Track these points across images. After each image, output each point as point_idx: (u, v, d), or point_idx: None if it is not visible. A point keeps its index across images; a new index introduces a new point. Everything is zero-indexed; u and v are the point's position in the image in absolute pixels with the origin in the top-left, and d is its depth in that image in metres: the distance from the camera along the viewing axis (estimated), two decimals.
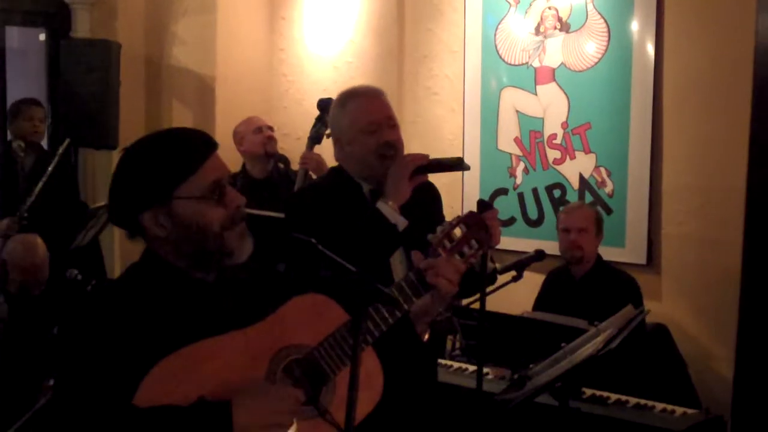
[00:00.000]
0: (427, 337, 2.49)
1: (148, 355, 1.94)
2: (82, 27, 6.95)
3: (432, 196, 3.24)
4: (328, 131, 4.14)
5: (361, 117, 3.05)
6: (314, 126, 4.98)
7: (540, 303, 4.86)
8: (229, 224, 2.09)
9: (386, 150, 3.03)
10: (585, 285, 4.71)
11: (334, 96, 3.24)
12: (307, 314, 2.14)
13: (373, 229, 2.91)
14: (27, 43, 7.51)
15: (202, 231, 2.06)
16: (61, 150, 6.02)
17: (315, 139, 4.95)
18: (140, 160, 2.10)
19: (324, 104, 4.69)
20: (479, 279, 2.91)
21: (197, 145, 2.10)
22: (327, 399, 2.13)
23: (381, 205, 2.93)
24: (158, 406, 1.93)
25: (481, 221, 2.43)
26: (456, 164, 3.13)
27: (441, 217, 3.23)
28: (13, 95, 6.69)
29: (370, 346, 2.19)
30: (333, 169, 3.19)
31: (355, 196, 3.06)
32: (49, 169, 5.76)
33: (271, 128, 5.75)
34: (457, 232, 2.40)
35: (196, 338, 1.99)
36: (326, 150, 3.15)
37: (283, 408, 2.00)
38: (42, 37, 7.19)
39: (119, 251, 6.86)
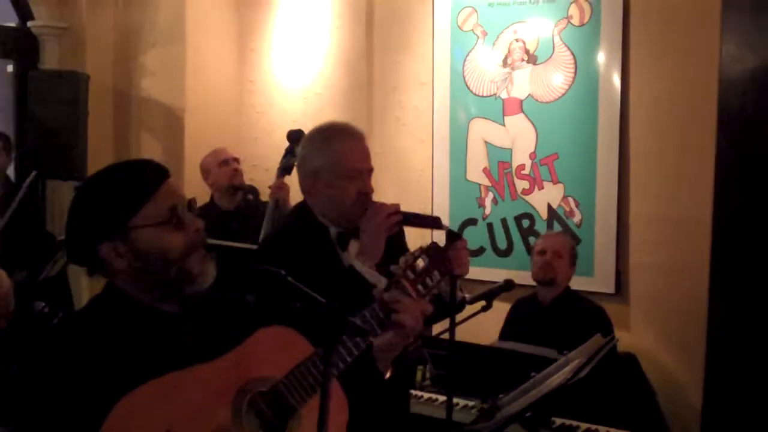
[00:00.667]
0: (389, 374, 2.47)
1: (112, 390, 1.90)
2: (51, 58, 6.94)
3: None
4: (297, 160, 4.13)
5: (347, 162, 2.97)
6: (284, 156, 4.98)
7: (507, 330, 4.87)
8: (190, 249, 2.08)
9: (365, 200, 2.97)
10: (552, 312, 4.74)
11: (304, 127, 3.21)
12: (272, 346, 2.13)
13: (353, 290, 2.80)
14: None
15: (162, 257, 2.04)
16: (27, 182, 5.99)
17: (285, 169, 4.94)
18: (94, 193, 2.09)
19: (294, 135, 4.69)
20: (448, 307, 2.91)
21: (149, 173, 2.10)
22: None
23: (358, 265, 2.88)
24: None
25: (443, 252, 2.43)
26: (432, 222, 3.06)
27: (404, 246, 3.19)
28: None
29: (335, 378, 2.17)
30: (298, 206, 3.12)
31: (323, 241, 2.99)
32: (16, 201, 5.71)
33: (237, 160, 5.75)
34: (420, 263, 2.39)
35: (161, 372, 1.96)
36: (296, 180, 3.12)
37: None
38: (10, 68, 7.17)
39: (87, 283, 6.81)
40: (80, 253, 2.11)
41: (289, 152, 4.93)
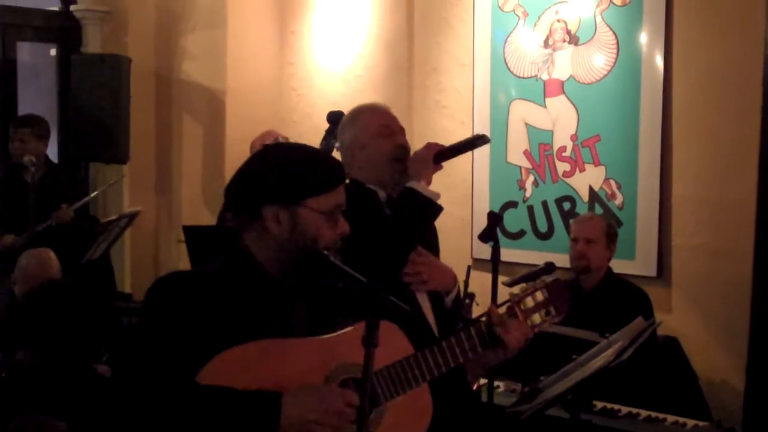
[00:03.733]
0: (476, 386, 2.51)
1: (216, 342, 2.03)
2: (93, 42, 7.00)
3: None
4: (338, 144, 4.14)
5: (374, 121, 3.11)
6: (324, 138, 4.97)
7: None
8: (331, 245, 2.22)
9: (401, 153, 3.07)
10: (594, 298, 4.68)
11: (344, 109, 3.25)
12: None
13: (411, 206, 2.95)
14: (38, 58, 7.56)
15: (312, 241, 2.19)
16: (112, 182, 6.21)
17: (327, 152, 4.94)
18: (286, 159, 2.23)
19: (334, 117, 4.66)
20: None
21: (338, 169, 2.28)
22: (374, 423, 2.16)
23: (412, 183, 2.98)
24: (215, 386, 2.01)
25: (564, 290, 2.49)
26: (474, 141, 3.18)
27: (433, 230, 3.23)
28: (24, 110, 6.73)
29: (426, 383, 2.26)
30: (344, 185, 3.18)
31: (373, 206, 3.05)
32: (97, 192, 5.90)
33: (287, 141, 5.76)
34: (539, 295, 2.46)
35: (264, 337, 2.09)
36: None
37: (332, 408, 2.05)
38: (53, 52, 7.24)
39: (130, 265, 6.88)
40: (244, 202, 2.22)
41: (330, 134, 4.92)
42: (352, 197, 2.99)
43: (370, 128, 3.09)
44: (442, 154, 3.07)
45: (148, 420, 2.02)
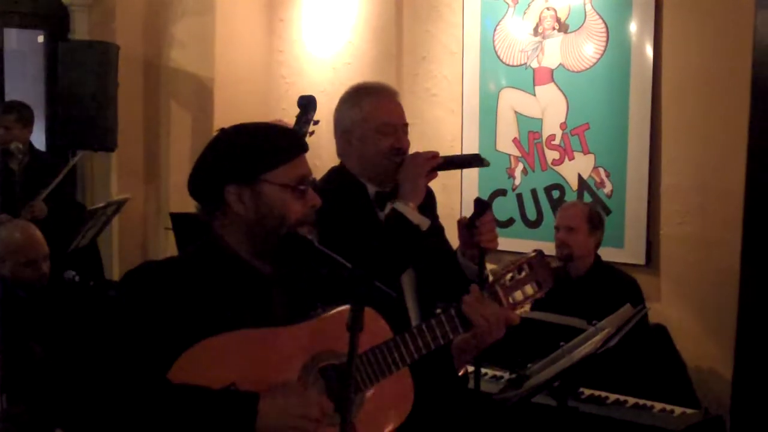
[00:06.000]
0: (462, 372, 2.48)
1: (190, 334, 1.99)
2: (81, 29, 6.96)
3: (427, 196, 3.14)
4: (311, 129, 4.08)
5: (378, 116, 2.98)
6: (296, 124, 4.85)
7: (537, 303, 4.83)
8: (303, 220, 2.17)
9: (397, 155, 2.96)
10: (582, 285, 4.68)
11: (331, 97, 3.17)
12: None
13: (396, 232, 2.84)
14: (26, 45, 7.51)
15: (279, 218, 2.14)
16: (72, 163, 6.09)
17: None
18: (239, 138, 2.20)
19: (305, 101, 4.56)
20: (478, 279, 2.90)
21: (294, 140, 2.23)
22: (354, 410, 2.14)
23: (400, 206, 2.86)
24: (188, 384, 1.97)
25: (547, 265, 2.43)
26: (472, 160, 3.09)
27: (435, 217, 3.16)
28: (11, 97, 6.69)
29: (407, 367, 2.23)
30: (334, 169, 3.09)
31: (361, 199, 2.98)
32: (59, 177, 5.80)
33: None
34: (520, 272, 2.42)
35: (241, 325, 2.05)
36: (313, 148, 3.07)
37: (308, 414, 2.02)
38: (40, 39, 7.20)
39: (117, 253, 6.86)
40: (205, 189, 2.19)
41: (301, 118, 4.81)
42: (339, 187, 2.97)
43: (372, 121, 2.97)
44: (433, 169, 2.97)
45: (121, 422, 1.98)
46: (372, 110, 2.98)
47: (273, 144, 2.17)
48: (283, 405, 2.00)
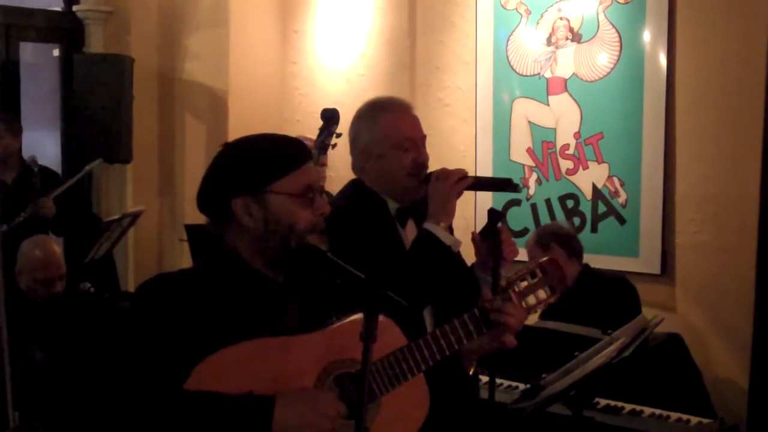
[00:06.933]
0: (472, 371, 2.47)
1: (205, 344, 2.01)
2: (96, 42, 7.00)
3: None
4: (334, 141, 4.08)
5: (397, 132, 2.93)
6: (319, 136, 4.88)
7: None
8: (313, 228, 2.18)
9: (419, 170, 2.92)
10: (571, 296, 4.59)
11: (347, 108, 3.16)
12: None
13: (427, 253, 2.80)
14: (41, 58, 7.55)
15: (288, 227, 2.14)
16: (89, 168, 6.12)
17: (322, 148, 4.88)
18: (244, 151, 2.20)
19: (328, 114, 4.59)
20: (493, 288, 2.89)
21: (298, 149, 2.22)
22: (370, 418, 2.13)
23: (431, 226, 2.83)
24: (205, 391, 1.99)
25: (560, 268, 2.43)
26: (504, 185, 3.00)
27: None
28: (27, 110, 6.73)
29: (422, 374, 2.24)
30: (353, 183, 3.05)
31: (383, 215, 2.94)
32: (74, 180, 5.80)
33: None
34: (533, 278, 2.41)
35: (256, 336, 2.06)
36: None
37: (324, 416, 2.03)
38: (56, 52, 7.24)
39: (133, 264, 6.88)
40: (213, 203, 2.20)
41: (324, 131, 4.84)
42: (359, 203, 2.93)
43: (391, 138, 2.92)
44: (468, 186, 2.94)
45: (140, 430, 2.00)
46: (390, 127, 2.94)
47: (277, 154, 2.18)
48: (297, 407, 2.01)
